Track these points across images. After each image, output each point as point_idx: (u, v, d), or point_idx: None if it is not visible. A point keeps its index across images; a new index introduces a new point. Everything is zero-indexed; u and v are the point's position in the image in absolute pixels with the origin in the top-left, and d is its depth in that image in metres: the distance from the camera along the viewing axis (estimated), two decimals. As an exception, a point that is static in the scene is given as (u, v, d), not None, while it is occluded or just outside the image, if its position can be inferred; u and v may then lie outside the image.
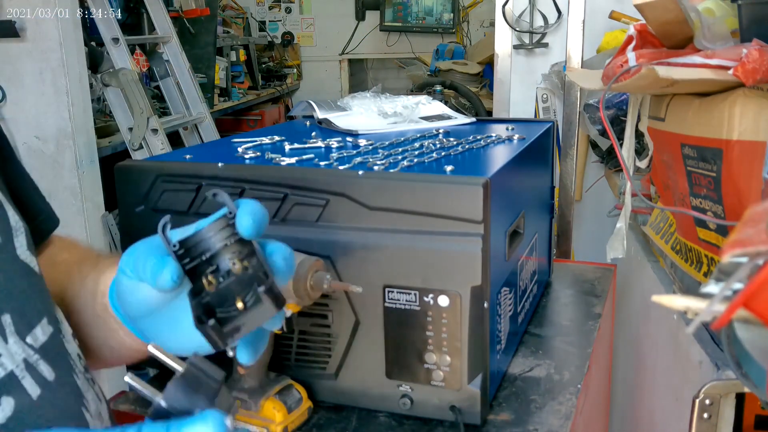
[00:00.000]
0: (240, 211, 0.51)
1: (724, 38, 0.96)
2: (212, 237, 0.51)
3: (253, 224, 0.50)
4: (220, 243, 0.51)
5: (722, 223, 0.91)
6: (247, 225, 0.50)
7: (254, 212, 0.51)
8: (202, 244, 0.51)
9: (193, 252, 0.50)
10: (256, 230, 0.51)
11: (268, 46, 5.33)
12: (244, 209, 0.51)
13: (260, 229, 0.51)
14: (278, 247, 0.54)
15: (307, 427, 0.78)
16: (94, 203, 2.51)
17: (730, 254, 0.38)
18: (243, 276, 0.48)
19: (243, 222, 0.50)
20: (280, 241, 0.55)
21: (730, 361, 0.41)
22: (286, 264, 0.53)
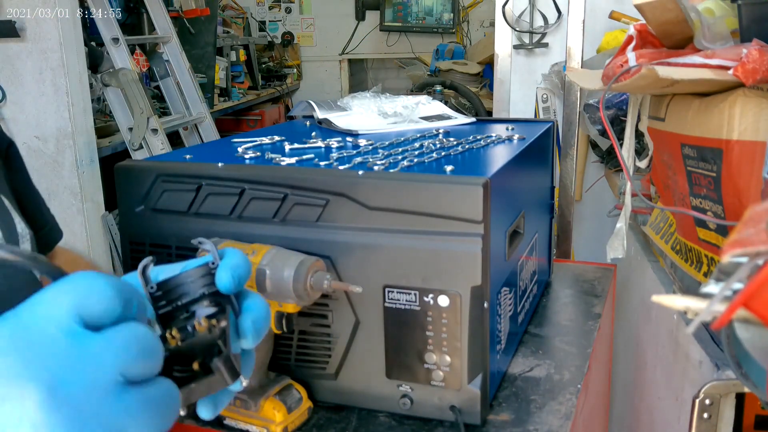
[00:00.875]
0: (221, 265, 0.48)
1: (724, 38, 0.96)
2: (192, 283, 0.48)
3: (232, 281, 0.47)
4: (198, 291, 0.48)
5: (722, 223, 0.91)
6: (226, 281, 0.47)
7: (235, 267, 0.48)
8: (180, 289, 0.48)
9: (171, 296, 0.48)
10: (234, 287, 0.48)
11: (268, 46, 5.33)
12: (226, 263, 0.48)
13: (239, 285, 0.48)
14: (254, 306, 0.49)
15: (307, 427, 0.78)
16: (94, 203, 2.51)
17: (730, 254, 0.38)
18: (204, 338, 0.45)
19: (221, 277, 0.48)
20: (260, 298, 0.50)
21: (730, 361, 0.41)
22: (254, 328, 0.48)
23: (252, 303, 0.49)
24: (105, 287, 0.36)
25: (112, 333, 0.35)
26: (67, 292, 0.35)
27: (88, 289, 0.36)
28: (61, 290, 0.35)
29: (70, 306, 0.35)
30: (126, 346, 0.35)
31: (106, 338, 0.35)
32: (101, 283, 0.36)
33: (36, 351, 0.33)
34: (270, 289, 0.71)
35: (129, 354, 0.35)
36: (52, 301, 0.35)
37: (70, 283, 0.36)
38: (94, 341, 0.34)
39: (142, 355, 0.36)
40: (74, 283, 0.36)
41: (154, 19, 3.12)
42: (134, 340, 0.36)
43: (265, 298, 0.51)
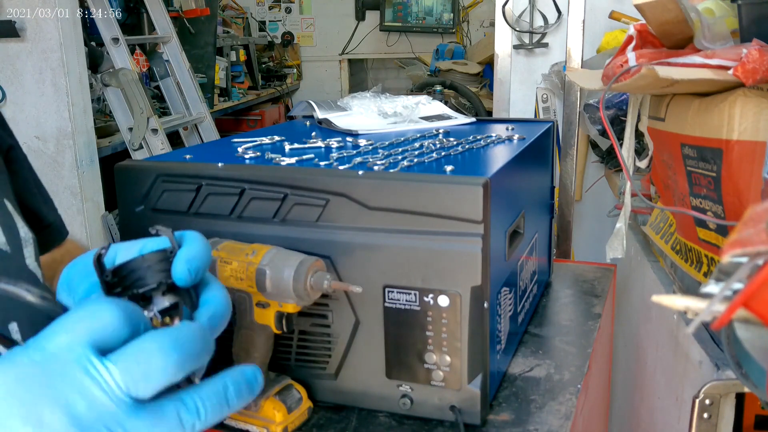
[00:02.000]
0: (178, 255, 0.45)
1: (724, 38, 0.97)
2: (148, 269, 0.46)
3: (188, 274, 0.45)
4: (155, 279, 0.46)
5: (722, 223, 0.91)
6: (181, 274, 0.45)
7: (192, 259, 0.45)
8: (136, 274, 0.46)
9: (127, 281, 0.46)
10: (191, 280, 0.45)
11: (268, 46, 5.33)
12: (183, 254, 0.45)
13: (196, 278, 0.45)
14: (212, 300, 0.47)
15: (307, 427, 0.78)
16: (94, 203, 2.51)
17: (730, 254, 0.38)
18: None
19: (177, 269, 0.45)
20: (220, 290, 0.48)
21: (730, 361, 0.41)
22: (210, 325, 0.45)
23: (210, 297, 0.47)
24: (116, 317, 0.39)
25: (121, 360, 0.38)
26: (82, 322, 0.38)
27: (101, 320, 0.38)
28: (78, 320, 0.38)
29: (86, 336, 0.37)
30: (130, 370, 0.37)
31: (116, 365, 0.37)
32: (113, 313, 0.39)
33: (56, 379, 0.36)
34: (270, 289, 0.71)
35: (134, 377, 0.37)
36: (71, 331, 0.37)
37: (85, 314, 0.38)
38: (104, 369, 0.37)
39: (145, 378, 0.38)
40: (89, 314, 0.38)
41: (154, 19, 3.12)
42: (137, 365, 0.38)
43: (264, 299, 0.50)
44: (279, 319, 0.74)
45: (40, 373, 0.36)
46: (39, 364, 0.36)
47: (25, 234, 0.62)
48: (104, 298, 0.41)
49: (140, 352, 0.38)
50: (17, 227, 0.62)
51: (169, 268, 0.46)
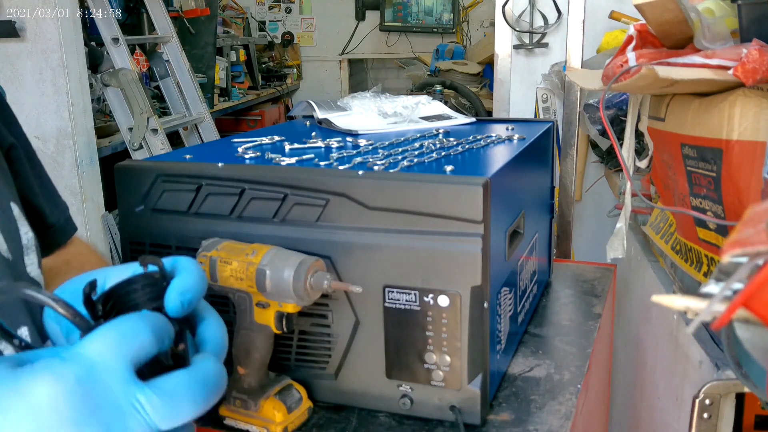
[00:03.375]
0: (172, 286, 0.45)
1: (724, 38, 0.97)
2: (137, 296, 0.45)
3: (181, 307, 0.44)
4: (146, 306, 0.45)
5: (722, 223, 0.91)
6: (174, 306, 0.44)
7: (186, 291, 0.45)
8: (125, 300, 0.45)
9: (117, 307, 0.45)
10: (184, 312, 0.45)
11: (268, 46, 5.33)
12: (177, 286, 0.45)
13: (189, 310, 0.45)
14: (210, 334, 0.47)
15: (307, 427, 0.78)
16: (94, 203, 2.51)
17: (730, 254, 0.38)
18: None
19: (171, 301, 0.44)
20: (215, 324, 0.47)
21: (730, 361, 0.41)
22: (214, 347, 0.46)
23: (211, 328, 0.47)
24: (147, 335, 0.40)
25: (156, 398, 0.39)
26: (124, 342, 0.39)
27: (140, 339, 0.40)
28: (120, 339, 0.39)
29: (128, 358, 0.39)
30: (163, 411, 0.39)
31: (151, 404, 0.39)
32: (145, 331, 0.40)
33: (100, 402, 0.37)
34: (270, 289, 0.71)
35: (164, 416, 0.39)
36: (114, 350, 0.39)
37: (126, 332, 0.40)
38: (144, 401, 0.39)
39: (172, 418, 0.40)
40: (129, 332, 0.40)
41: (154, 19, 3.12)
42: (170, 407, 0.40)
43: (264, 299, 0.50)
44: (279, 319, 0.74)
45: (85, 394, 0.37)
46: (84, 383, 0.37)
47: (27, 241, 0.62)
48: (136, 314, 0.41)
49: (173, 397, 0.40)
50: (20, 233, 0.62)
51: (159, 293, 0.45)
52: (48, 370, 0.37)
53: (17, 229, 0.61)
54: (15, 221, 0.61)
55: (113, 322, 0.40)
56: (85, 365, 0.38)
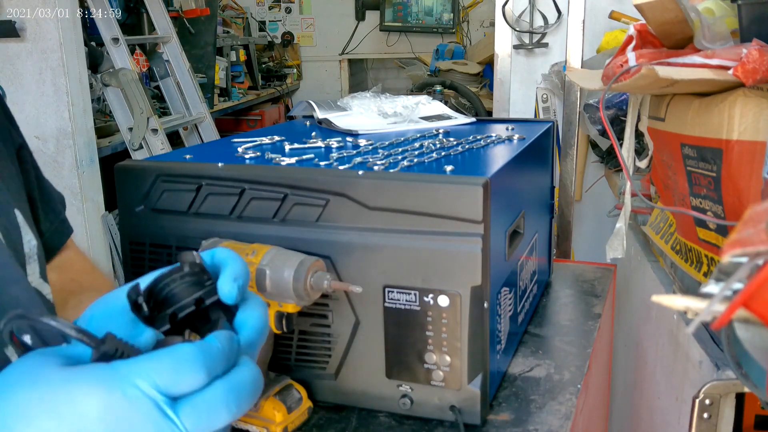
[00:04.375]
0: (224, 275, 0.47)
1: (724, 38, 0.97)
2: (178, 286, 0.46)
3: (238, 292, 0.46)
4: (187, 294, 0.46)
5: (722, 223, 0.91)
6: (231, 293, 0.46)
7: (238, 277, 0.47)
8: (164, 295, 0.46)
9: (160, 303, 0.46)
10: (240, 298, 0.47)
11: (268, 46, 5.33)
12: (229, 273, 0.47)
13: (242, 295, 0.47)
14: (248, 323, 0.48)
15: (307, 427, 0.78)
16: (94, 203, 2.51)
17: (730, 254, 0.38)
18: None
19: (225, 289, 0.46)
20: (258, 308, 0.49)
21: (730, 361, 0.41)
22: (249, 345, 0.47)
23: (247, 318, 0.48)
24: (198, 370, 0.40)
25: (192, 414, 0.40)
26: (164, 372, 0.40)
27: (182, 371, 0.40)
28: (163, 367, 0.40)
29: (171, 387, 0.40)
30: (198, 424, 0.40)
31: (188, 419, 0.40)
32: (197, 366, 0.40)
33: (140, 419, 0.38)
34: (270, 289, 0.71)
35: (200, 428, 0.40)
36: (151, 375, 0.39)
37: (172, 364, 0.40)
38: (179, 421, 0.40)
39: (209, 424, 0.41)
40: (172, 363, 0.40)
41: (154, 19, 3.12)
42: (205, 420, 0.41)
43: (264, 299, 0.50)
44: (279, 319, 0.74)
45: (129, 409, 0.38)
46: (131, 400, 0.38)
47: (29, 249, 0.62)
48: (195, 347, 0.42)
49: (209, 410, 0.41)
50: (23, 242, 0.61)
51: (198, 283, 0.46)
52: (100, 381, 0.38)
53: (20, 237, 0.61)
54: (18, 228, 0.61)
55: (170, 349, 0.41)
56: (132, 383, 0.39)
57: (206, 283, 0.47)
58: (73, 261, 0.81)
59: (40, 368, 0.39)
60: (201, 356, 0.41)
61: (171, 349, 0.41)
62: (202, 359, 0.41)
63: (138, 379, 0.39)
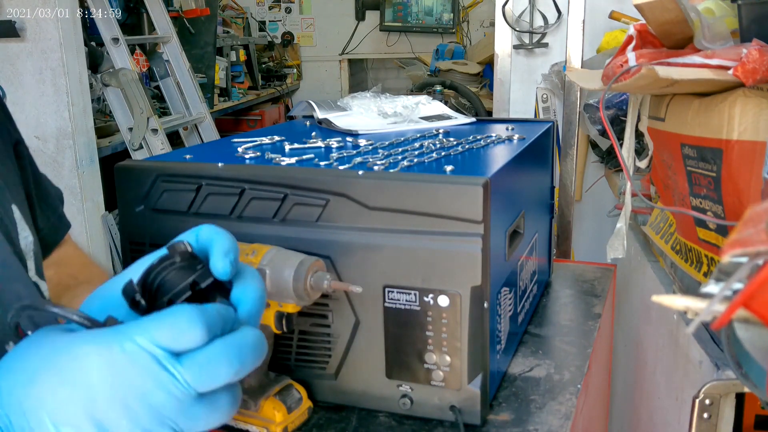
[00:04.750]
0: (215, 252, 0.48)
1: (724, 38, 0.97)
2: (167, 273, 0.47)
3: (231, 267, 0.48)
4: (181, 279, 0.47)
5: (722, 223, 0.91)
6: (224, 269, 0.47)
7: (229, 251, 0.48)
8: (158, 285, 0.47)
9: (154, 291, 0.46)
10: (233, 272, 0.48)
11: (268, 46, 5.33)
12: (218, 249, 0.48)
13: (235, 267, 0.48)
14: (247, 291, 0.49)
15: (307, 427, 0.78)
16: (94, 203, 2.51)
17: (730, 254, 0.38)
18: None
19: (219, 265, 0.47)
20: (253, 281, 0.50)
21: (730, 361, 0.41)
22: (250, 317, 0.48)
23: (244, 290, 0.49)
24: (196, 327, 0.42)
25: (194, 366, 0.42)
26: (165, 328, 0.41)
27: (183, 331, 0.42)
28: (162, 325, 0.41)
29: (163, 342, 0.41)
30: (200, 375, 0.42)
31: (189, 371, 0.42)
32: (195, 323, 0.42)
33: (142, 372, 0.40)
34: (270, 289, 0.71)
35: (201, 380, 0.42)
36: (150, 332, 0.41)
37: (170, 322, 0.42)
38: (179, 372, 0.41)
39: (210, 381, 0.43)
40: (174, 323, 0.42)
41: (154, 19, 3.12)
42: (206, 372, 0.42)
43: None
44: (279, 319, 0.74)
45: (128, 363, 0.40)
46: (129, 354, 0.40)
47: (26, 246, 0.62)
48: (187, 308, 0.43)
49: (209, 363, 0.42)
50: (20, 237, 0.61)
51: (189, 266, 0.47)
52: (100, 339, 0.40)
53: (18, 233, 0.61)
54: (15, 224, 0.61)
55: (168, 310, 0.42)
56: (131, 339, 0.40)
57: (198, 267, 0.47)
58: (70, 256, 0.81)
59: (46, 336, 0.41)
60: (198, 314, 0.42)
61: (169, 309, 0.43)
62: (199, 316, 0.42)
63: (137, 335, 0.41)
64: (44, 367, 0.39)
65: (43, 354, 0.40)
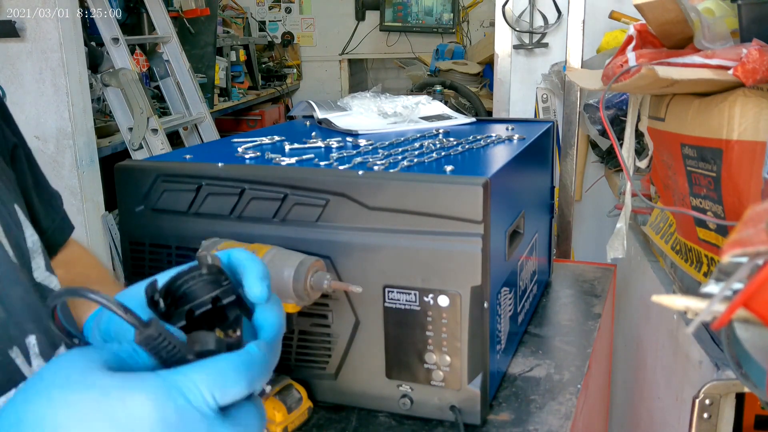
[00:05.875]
0: (251, 276, 0.48)
1: (724, 38, 0.96)
2: (196, 284, 0.47)
3: (267, 292, 0.48)
4: (205, 292, 0.47)
5: (722, 223, 0.91)
6: (261, 294, 0.47)
7: (265, 277, 0.48)
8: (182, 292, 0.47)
9: (177, 301, 0.47)
10: (269, 295, 0.48)
11: (268, 46, 5.33)
12: (255, 273, 0.48)
13: (270, 292, 0.49)
14: (270, 317, 0.49)
15: (307, 427, 0.78)
16: (94, 203, 2.51)
17: (730, 254, 0.38)
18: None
19: (255, 290, 0.47)
20: (275, 304, 0.50)
21: (730, 361, 0.41)
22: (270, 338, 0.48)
23: (267, 316, 0.49)
24: (241, 381, 0.42)
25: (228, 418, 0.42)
26: (212, 384, 0.41)
27: (228, 383, 0.42)
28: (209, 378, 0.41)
29: (213, 397, 0.41)
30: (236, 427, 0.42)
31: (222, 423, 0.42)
32: (241, 381, 0.42)
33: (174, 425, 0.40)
34: (270, 289, 0.71)
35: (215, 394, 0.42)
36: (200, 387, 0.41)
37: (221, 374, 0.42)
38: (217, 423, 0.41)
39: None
40: (224, 375, 0.42)
41: (154, 19, 3.12)
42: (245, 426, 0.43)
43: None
44: (279, 319, 0.74)
45: (179, 421, 0.40)
46: (181, 412, 0.40)
47: (33, 244, 0.62)
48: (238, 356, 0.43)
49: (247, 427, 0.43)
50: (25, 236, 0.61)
51: (214, 282, 0.47)
52: (153, 390, 0.40)
53: (22, 233, 0.61)
54: (20, 224, 0.61)
55: (216, 360, 0.42)
56: (183, 395, 0.40)
57: (223, 283, 0.47)
58: (80, 256, 0.81)
59: (90, 372, 0.40)
60: (244, 368, 0.43)
61: (217, 359, 0.42)
62: (245, 371, 0.43)
63: (188, 391, 0.41)
64: (95, 410, 0.39)
65: (92, 394, 0.39)
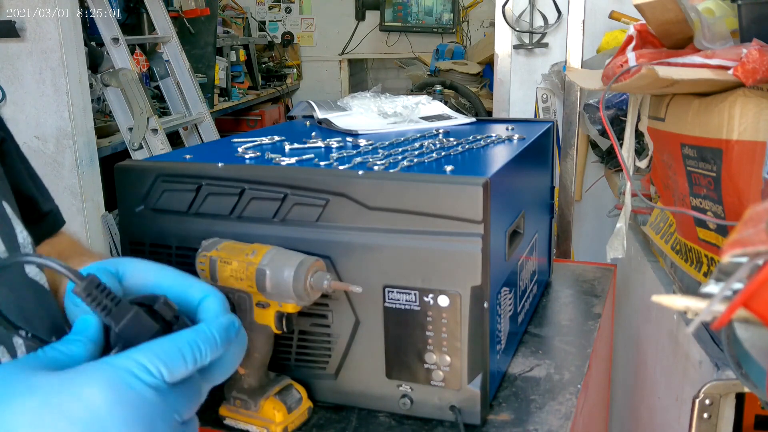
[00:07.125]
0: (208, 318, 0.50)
1: (724, 38, 0.96)
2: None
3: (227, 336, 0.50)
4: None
5: (722, 223, 0.91)
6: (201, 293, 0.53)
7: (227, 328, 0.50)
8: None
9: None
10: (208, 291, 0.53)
11: (268, 46, 5.33)
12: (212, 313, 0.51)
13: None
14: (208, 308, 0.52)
15: (307, 427, 0.78)
16: (94, 203, 2.51)
17: (730, 254, 0.38)
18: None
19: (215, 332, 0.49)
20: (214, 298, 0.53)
21: (730, 361, 0.41)
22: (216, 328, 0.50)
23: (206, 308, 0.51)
24: (186, 357, 0.45)
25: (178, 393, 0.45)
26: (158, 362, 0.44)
27: (172, 361, 0.44)
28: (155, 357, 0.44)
29: (161, 373, 0.44)
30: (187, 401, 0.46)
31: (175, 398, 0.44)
32: (184, 354, 0.45)
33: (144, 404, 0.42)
34: (270, 289, 0.71)
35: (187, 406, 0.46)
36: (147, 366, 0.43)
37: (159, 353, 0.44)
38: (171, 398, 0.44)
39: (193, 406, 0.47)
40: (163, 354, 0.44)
41: (154, 19, 3.12)
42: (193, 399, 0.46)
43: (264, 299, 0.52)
44: (279, 319, 0.74)
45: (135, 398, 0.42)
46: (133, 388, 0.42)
47: (23, 240, 0.62)
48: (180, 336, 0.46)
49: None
50: (15, 233, 0.61)
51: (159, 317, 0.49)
52: (101, 374, 0.41)
53: (12, 229, 0.61)
54: (9, 220, 0.61)
55: (158, 341, 0.45)
56: (131, 374, 0.42)
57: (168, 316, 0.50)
58: (65, 238, 0.81)
59: (27, 376, 0.40)
60: (187, 346, 0.45)
61: (157, 341, 0.45)
62: (188, 349, 0.45)
63: (137, 370, 0.42)
64: (46, 410, 0.38)
65: (38, 395, 0.39)
